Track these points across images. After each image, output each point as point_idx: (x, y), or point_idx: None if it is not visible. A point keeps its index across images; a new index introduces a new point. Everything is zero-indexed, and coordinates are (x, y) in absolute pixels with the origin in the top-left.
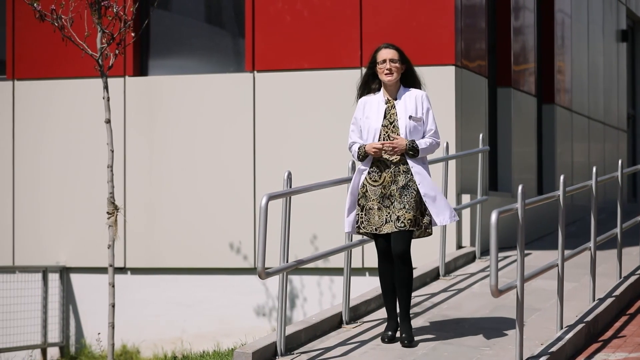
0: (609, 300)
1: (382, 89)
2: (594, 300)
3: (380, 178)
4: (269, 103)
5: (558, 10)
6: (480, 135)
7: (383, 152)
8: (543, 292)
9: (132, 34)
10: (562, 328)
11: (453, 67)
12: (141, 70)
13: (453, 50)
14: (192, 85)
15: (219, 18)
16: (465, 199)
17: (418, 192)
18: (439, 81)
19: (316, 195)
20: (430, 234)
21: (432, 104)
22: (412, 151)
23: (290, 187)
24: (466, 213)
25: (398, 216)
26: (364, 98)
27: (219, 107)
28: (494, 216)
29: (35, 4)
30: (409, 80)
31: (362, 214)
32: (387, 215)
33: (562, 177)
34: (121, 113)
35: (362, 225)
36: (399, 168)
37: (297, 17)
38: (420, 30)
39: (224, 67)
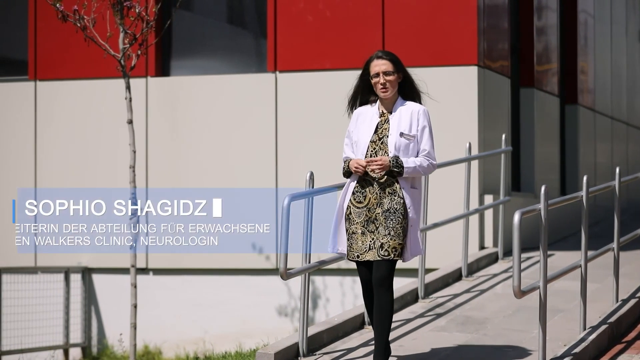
0: (633, 302)
1: (378, 100)
2: (617, 301)
3: (365, 199)
4: (291, 103)
5: (581, 11)
6: (503, 136)
7: (368, 170)
8: (566, 293)
9: (154, 35)
10: (585, 329)
11: (476, 68)
12: (163, 70)
13: (476, 51)
14: (214, 85)
15: (241, 18)
16: (488, 199)
17: (405, 216)
18: (462, 81)
19: (338, 195)
20: (404, 261)
21: (455, 104)
22: (397, 168)
23: (313, 187)
24: (489, 214)
25: (382, 243)
26: (359, 109)
27: (240, 108)
28: (516, 217)
29: (57, 5)
30: (408, 90)
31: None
32: (370, 241)
33: (585, 178)
34: (143, 113)
35: (348, 251)
36: (385, 190)
37: (319, 17)
38: (443, 30)
39: (246, 67)
